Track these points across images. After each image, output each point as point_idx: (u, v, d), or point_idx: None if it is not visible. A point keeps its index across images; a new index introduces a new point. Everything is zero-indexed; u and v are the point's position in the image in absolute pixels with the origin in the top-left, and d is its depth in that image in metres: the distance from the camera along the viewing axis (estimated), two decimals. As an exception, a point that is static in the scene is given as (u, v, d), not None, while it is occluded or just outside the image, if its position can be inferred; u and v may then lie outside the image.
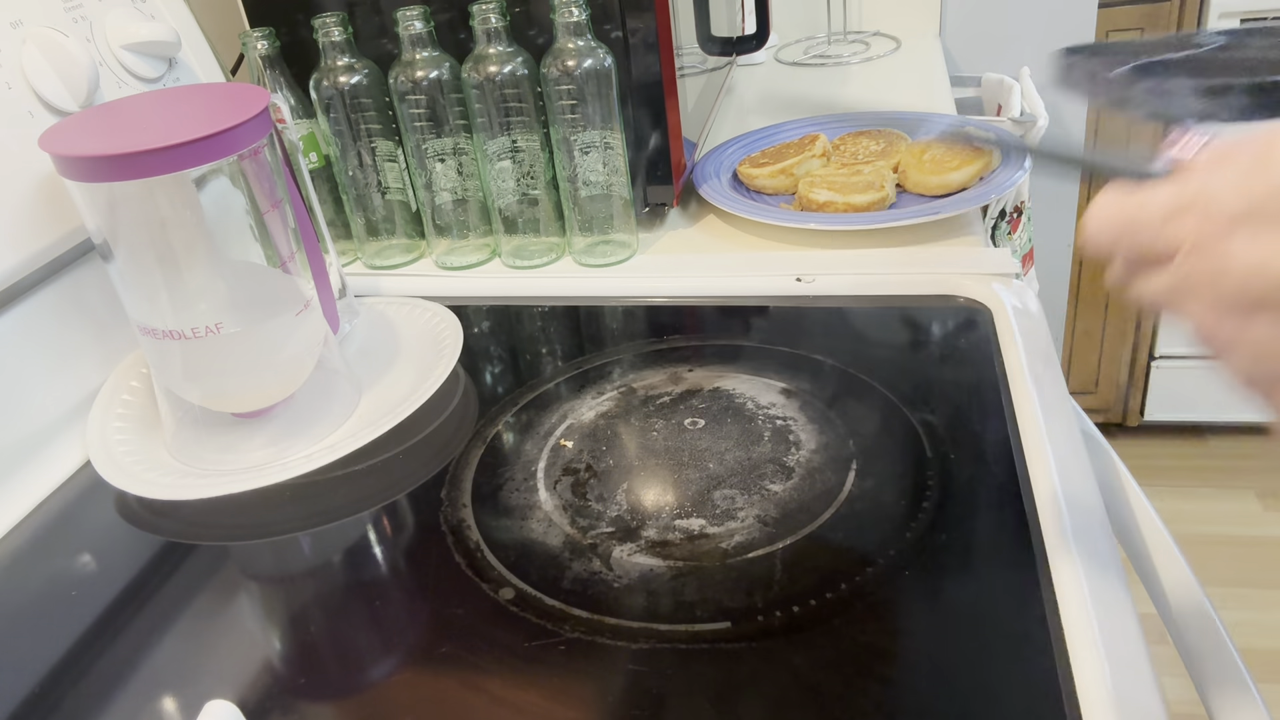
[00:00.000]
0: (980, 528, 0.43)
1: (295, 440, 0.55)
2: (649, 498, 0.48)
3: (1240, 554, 1.59)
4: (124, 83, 0.62)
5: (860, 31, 1.31)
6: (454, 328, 0.63)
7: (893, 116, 0.90)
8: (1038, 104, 1.10)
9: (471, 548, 0.46)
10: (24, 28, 0.56)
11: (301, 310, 0.53)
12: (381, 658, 0.41)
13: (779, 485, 0.48)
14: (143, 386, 0.61)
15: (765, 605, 0.41)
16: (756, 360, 0.58)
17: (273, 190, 0.52)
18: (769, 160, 0.81)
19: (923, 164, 0.76)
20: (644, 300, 0.68)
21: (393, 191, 0.74)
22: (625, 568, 0.44)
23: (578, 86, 0.65)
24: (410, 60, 0.67)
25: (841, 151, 0.84)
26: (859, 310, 0.63)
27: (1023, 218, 1.08)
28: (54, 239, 0.56)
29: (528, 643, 0.40)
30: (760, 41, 0.98)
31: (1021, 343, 0.55)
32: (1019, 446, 0.48)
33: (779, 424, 0.52)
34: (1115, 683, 0.35)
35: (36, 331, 0.58)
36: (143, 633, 0.44)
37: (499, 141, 0.68)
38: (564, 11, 0.63)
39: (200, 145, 0.46)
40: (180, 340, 0.50)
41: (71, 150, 0.46)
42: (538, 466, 0.51)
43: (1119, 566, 0.40)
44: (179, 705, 0.40)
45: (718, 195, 0.77)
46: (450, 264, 0.74)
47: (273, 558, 0.49)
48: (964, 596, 0.40)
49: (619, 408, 0.56)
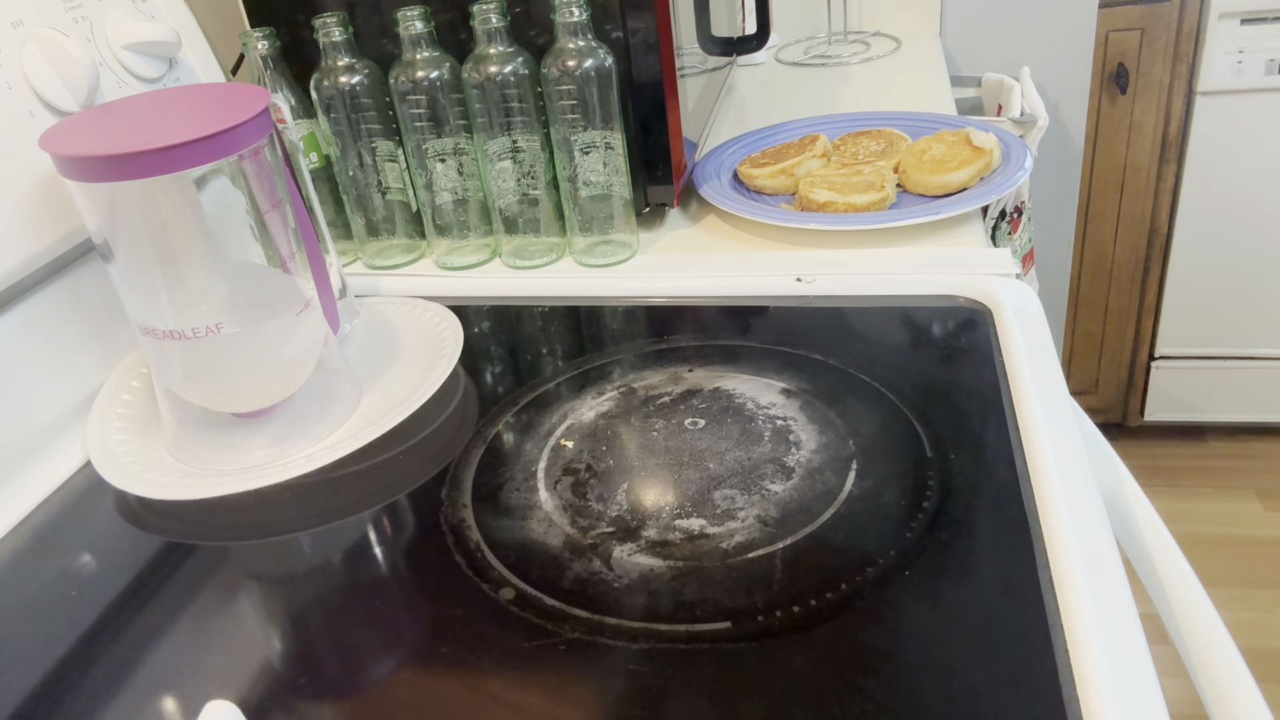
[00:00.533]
0: (980, 528, 0.43)
1: (295, 440, 0.55)
2: (649, 498, 0.48)
3: (1240, 554, 1.59)
4: (124, 83, 0.62)
5: (860, 31, 1.31)
6: (454, 328, 0.63)
7: (893, 116, 0.90)
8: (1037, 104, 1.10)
9: (471, 548, 0.46)
10: (24, 28, 0.56)
11: (302, 310, 0.53)
12: (381, 658, 0.41)
13: (779, 485, 0.48)
14: (143, 386, 0.61)
15: (765, 605, 0.41)
16: (756, 360, 0.58)
17: (273, 190, 0.52)
18: (769, 160, 0.81)
19: (923, 164, 0.76)
20: (644, 300, 0.68)
21: (393, 191, 0.74)
22: (625, 568, 0.44)
23: (578, 86, 0.65)
24: (411, 60, 0.67)
25: (842, 152, 0.84)
26: (859, 310, 0.63)
27: (1023, 218, 1.08)
28: (54, 239, 0.56)
29: (528, 643, 0.40)
30: (760, 41, 0.98)
31: (1021, 343, 0.55)
32: (1019, 446, 0.48)
33: (779, 424, 0.52)
34: (1115, 683, 0.35)
35: (36, 331, 0.58)
36: (143, 633, 0.44)
37: (499, 141, 0.68)
38: (564, 11, 0.63)
39: (200, 145, 0.46)
40: (180, 340, 0.50)
41: (71, 150, 0.46)
42: (538, 466, 0.51)
43: (1119, 566, 0.40)
44: (179, 705, 0.40)
45: (718, 195, 0.77)
46: (450, 264, 0.74)
47: (273, 558, 0.49)
48: (964, 596, 0.40)
49: (619, 408, 0.56)
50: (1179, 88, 1.49)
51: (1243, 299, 1.63)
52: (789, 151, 0.82)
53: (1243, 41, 1.42)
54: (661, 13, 0.68)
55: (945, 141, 0.79)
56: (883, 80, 1.12)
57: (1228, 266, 1.61)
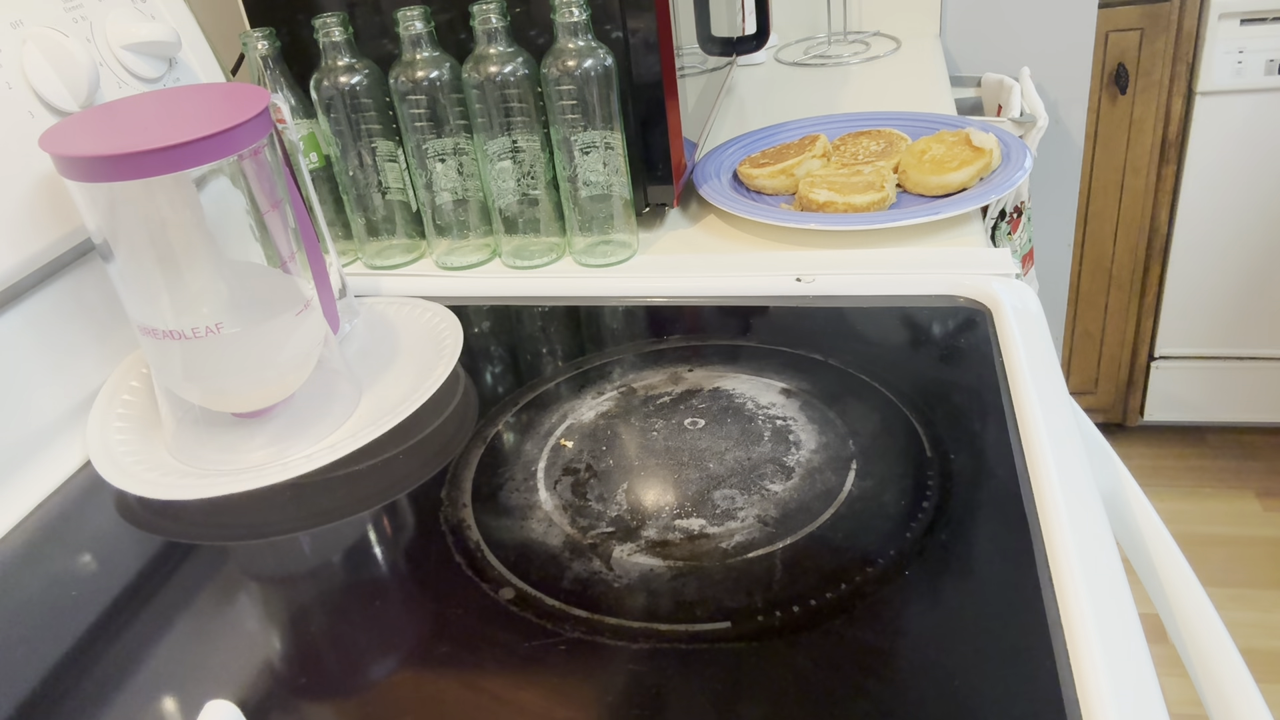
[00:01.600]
0: (980, 528, 0.43)
1: (295, 440, 0.55)
2: (649, 498, 0.48)
3: (1240, 554, 1.59)
4: (124, 83, 0.62)
5: (860, 32, 1.31)
6: (454, 328, 0.63)
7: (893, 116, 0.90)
8: (1037, 104, 1.10)
9: (471, 548, 0.46)
10: (24, 28, 0.56)
11: (301, 310, 0.53)
12: (381, 658, 0.41)
13: (779, 485, 0.48)
14: (143, 386, 0.61)
15: (765, 605, 0.41)
16: (756, 360, 0.58)
17: (273, 190, 0.52)
18: (769, 160, 0.81)
19: (923, 164, 0.76)
20: (644, 300, 0.68)
21: (393, 191, 0.74)
22: (625, 568, 0.44)
23: (578, 86, 0.65)
24: (411, 60, 0.67)
25: (842, 152, 0.84)
26: (859, 310, 0.63)
27: (1023, 218, 1.08)
28: (54, 239, 0.56)
29: (528, 643, 0.40)
30: (760, 41, 0.98)
31: (1021, 343, 0.55)
32: (1019, 446, 0.48)
33: (779, 424, 0.52)
34: (1115, 683, 0.35)
35: (36, 331, 0.58)
36: (143, 633, 0.44)
37: (499, 141, 0.68)
38: (564, 11, 0.63)
39: (200, 145, 0.46)
40: (180, 340, 0.50)
41: (71, 150, 0.46)
42: (538, 466, 0.51)
43: (1119, 566, 0.40)
44: (179, 705, 0.40)
45: (718, 195, 0.77)
46: (450, 264, 0.74)
47: (273, 558, 0.49)
48: (964, 596, 0.40)
49: (619, 408, 0.56)
50: (1179, 88, 1.49)
51: (1243, 299, 1.63)
52: (789, 152, 0.82)
53: (1243, 41, 1.42)
54: (661, 13, 0.68)
55: (945, 142, 0.79)
56: (882, 80, 1.12)
57: (1228, 266, 1.61)
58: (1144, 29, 1.45)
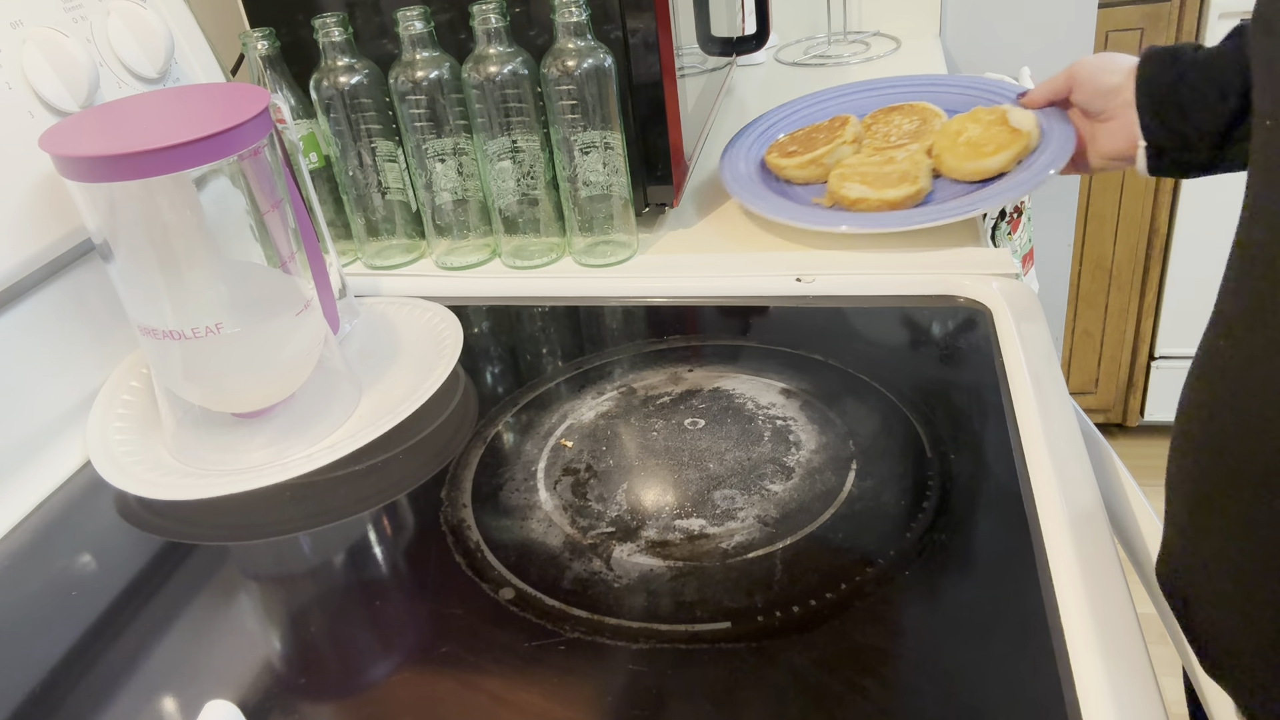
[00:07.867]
0: (980, 528, 0.43)
1: (295, 440, 0.55)
2: (649, 498, 0.48)
3: (1240, 554, 1.59)
4: (124, 83, 0.62)
5: (860, 32, 1.31)
6: (454, 328, 0.63)
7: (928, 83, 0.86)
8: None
9: (471, 548, 0.46)
10: (24, 28, 0.56)
11: (301, 310, 0.53)
12: (381, 658, 0.41)
13: (779, 485, 0.48)
14: (143, 386, 0.61)
15: (765, 605, 0.41)
16: (756, 360, 0.58)
17: (273, 190, 0.52)
18: (799, 148, 0.78)
19: (958, 148, 0.72)
20: (644, 300, 0.68)
21: (393, 191, 0.74)
22: (625, 568, 0.44)
23: (578, 86, 0.65)
24: (410, 60, 0.67)
25: (873, 132, 0.80)
26: (859, 310, 0.63)
27: (1023, 218, 1.08)
28: (54, 239, 0.56)
29: (528, 643, 0.40)
30: (760, 42, 0.98)
31: (1021, 343, 0.55)
32: (1019, 446, 0.48)
33: (779, 424, 0.52)
34: (1115, 683, 0.35)
35: (36, 331, 0.58)
36: (143, 633, 0.44)
37: (499, 141, 0.68)
38: (564, 11, 0.63)
39: (200, 145, 0.46)
40: (180, 340, 0.50)
41: (71, 150, 0.46)
42: (538, 466, 0.51)
43: (1119, 566, 0.40)
44: (179, 705, 0.40)
45: (743, 190, 0.75)
46: (450, 264, 0.74)
47: (273, 558, 0.49)
48: (964, 597, 0.40)
49: (619, 408, 0.56)
50: (1179, 88, 1.48)
51: (1242, 299, 1.63)
52: (818, 137, 0.78)
53: (1242, 41, 1.42)
54: (661, 13, 0.68)
55: (981, 121, 0.74)
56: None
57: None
58: (1144, 29, 1.45)
